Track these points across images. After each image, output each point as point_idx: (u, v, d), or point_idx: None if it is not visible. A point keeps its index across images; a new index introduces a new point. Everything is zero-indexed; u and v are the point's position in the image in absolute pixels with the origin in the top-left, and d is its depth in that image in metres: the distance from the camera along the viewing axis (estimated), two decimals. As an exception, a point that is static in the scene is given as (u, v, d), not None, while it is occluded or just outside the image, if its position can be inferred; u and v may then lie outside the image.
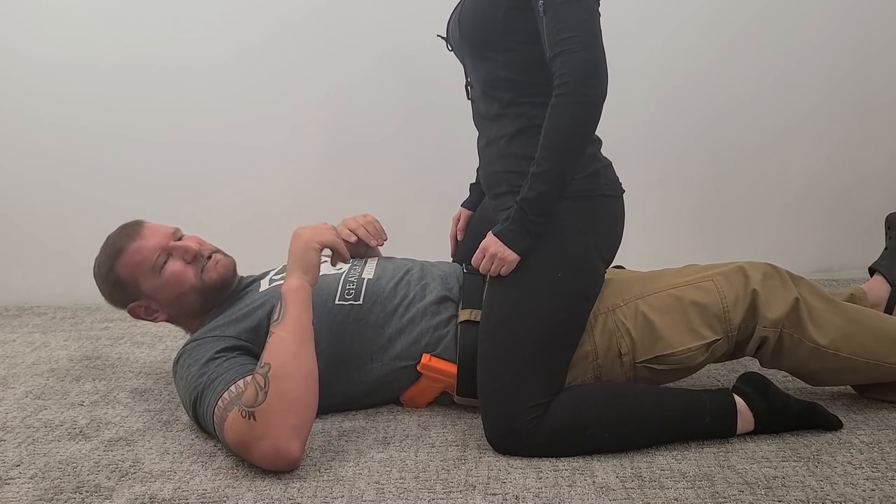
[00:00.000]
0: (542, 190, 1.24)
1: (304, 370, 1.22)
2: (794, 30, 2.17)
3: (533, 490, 1.16)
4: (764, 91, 2.21)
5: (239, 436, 1.20)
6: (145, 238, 1.44)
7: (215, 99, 2.27)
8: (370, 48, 2.22)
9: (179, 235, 1.49)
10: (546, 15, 1.22)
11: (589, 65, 1.21)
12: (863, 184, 2.24)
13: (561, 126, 1.22)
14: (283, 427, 1.17)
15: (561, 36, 1.21)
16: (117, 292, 1.48)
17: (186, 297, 1.46)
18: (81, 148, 2.31)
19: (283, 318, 1.25)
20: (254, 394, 1.18)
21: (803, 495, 1.11)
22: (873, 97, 2.20)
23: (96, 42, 2.24)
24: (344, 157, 2.29)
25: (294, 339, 1.23)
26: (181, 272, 1.44)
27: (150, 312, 1.49)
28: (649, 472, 1.20)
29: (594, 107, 1.22)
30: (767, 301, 1.30)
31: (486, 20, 1.32)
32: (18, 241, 2.36)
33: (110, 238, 1.49)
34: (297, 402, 1.19)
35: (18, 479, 1.26)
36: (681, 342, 1.31)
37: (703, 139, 2.23)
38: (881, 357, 1.30)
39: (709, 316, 1.31)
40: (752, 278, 1.32)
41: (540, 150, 1.24)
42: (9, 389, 1.68)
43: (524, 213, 1.25)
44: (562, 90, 1.21)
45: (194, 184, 2.30)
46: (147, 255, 1.43)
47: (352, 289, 1.45)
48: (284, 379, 1.19)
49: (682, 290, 1.34)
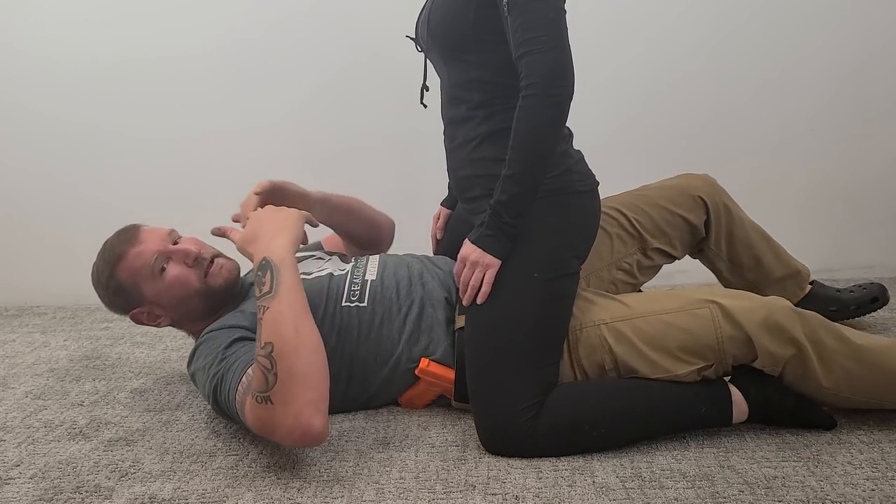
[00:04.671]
0: (514, 192, 1.23)
1: (308, 342, 1.16)
2: (799, 31, 2.16)
3: (533, 490, 1.15)
4: (764, 92, 2.20)
5: (259, 421, 1.17)
6: (144, 242, 1.43)
7: (215, 99, 2.27)
8: (371, 48, 2.22)
9: (177, 237, 1.47)
10: (511, 14, 1.20)
11: (555, 66, 1.19)
12: (865, 185, 2.24)
13: (529, 128, 1.21)
14: (301, 405, 1.12)
15: (526, 36, 1.20)
16: (119, 299, 1.46)
17: (190, 301, 1.44)
18: (82, 147, 2.31)
19: (276, 291, 1.18)
20: (262, 378, 1.14)
21: (803, 495, 1.11)
22: (875, 99, 2.19)
23: (96, 41, 2.24)
24: (344, 159, 2.29)
25: (291, 311, 1.17)
26: (183, 276, 1.42)
27: (154, 318, 1.47)
28: (649, 472, 1.20)
29: (561, 107, 1.21)
30: (767, 348, 1.24)
31: (457, 21, 1.30)
32: (18, 241, 2.36)
33: (108, 244, 1.46)
34: (310, 376, 1.14)
35: (18, 479, 1.26)
36: (664, 369, 1.28)
37: (703, 140, 2.23)
38: (880, 398, 1.27)
39: (700, 346, 1.26)
40: (753, 319, 1.24)
41: (510, 151, 1.23)
42: (9, 389, 1.68)
43: (499, 216, 1.24)
44: (529, 91, 1.20)
45: (194, 184, 2.30)
46: (147, 259, 1.41)
47: (356, 290, 1.43)
48: (291, 356, 1.13)
49: (674, 317, 1.29)
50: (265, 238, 1.26)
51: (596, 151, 1.47)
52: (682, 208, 1.56)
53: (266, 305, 1.18)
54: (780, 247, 1.64)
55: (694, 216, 1.56)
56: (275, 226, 1.28)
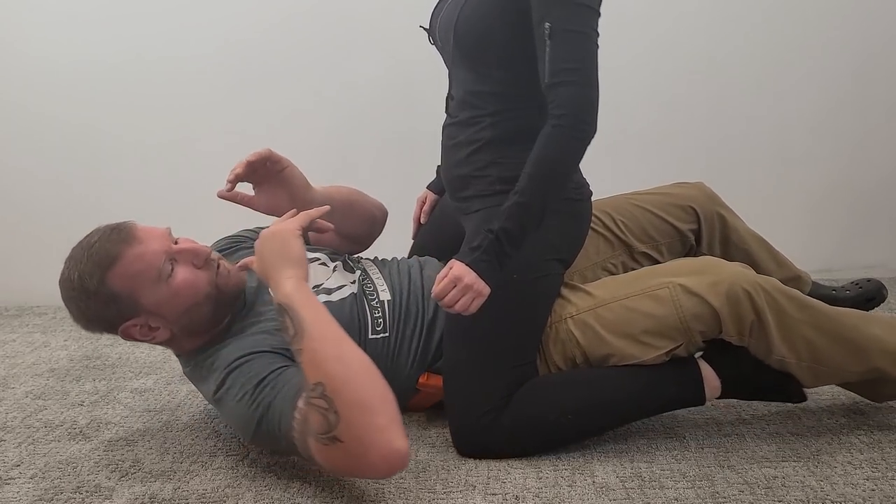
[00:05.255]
0: (522, 222, 1.21)
1: (357, 367, 1.08)
2: (801, 32, 2.16)
3: (533, 490, 1.16)
4: (766, 94, 2.20)
5: (336, 463, 1.08)
6: (144, 242, 1.22)
7: (216, 100, 2.27)
8: (372, 49, 2.22)
9: (175, 238, 1.30)
10: (551, 40, 1.20)
11: (587, 103, 1.20)
12: (866, 186, 2.24)
13: (553, 157, 1.21)
14: (375, 432, 1.03)
15: (563, 66, 1.19)
16: (108, 311, 1.23)
17: (198, 309, 1.26)
18: (82, 147, 2.30)
19: (302, 331, 1.10)
20: (322, 419, 1.05)
21: (803, 495, 1.11)
22: (877, 100, 2.19)
23: (96, 41, 2.24)
24: (344, 159, 2.29)
25: (325, 344, 1.09)
26: (193, 280, 1.24)
27: (149, 332, 1.26)
28: (649, 472, 1.20)
29: (584, 143, 1.22)
30: (730, 317, 1.23)
31: (488, 36, 1.28)
32: (18, 241, 2.36)
33: (97, 243, 1.22)
34: (372, 401, 1.05)
35: (18, 479, 1.26)
36: (632, 355, 1.27)
37: (704, 142, 2.23)
38: (841, 367, 1.26)
39: (664, 327, 1.26)
40: (715, 291, 1.23)
41: (526, 179, 1.21)
42: (9, 389, 1.68)
43: (500, 244, 1.21)
44: (560, 122, 1.20)
45: (194, 185, 2.29)
46: (151, 261, 1.21)
47: (379, 317, 1.35)
48: (344, 388, 1.05)
49: (635, 301, 1.28)
50: (272, 274, 1.17)
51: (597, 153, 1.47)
52: (671, 216, 1.55)
53: (299, 348, 1.10)
54: (779, 254, 1.63)
55: (683, 225, 1.55)
56: (275, 256, 1.18)
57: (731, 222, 1.58)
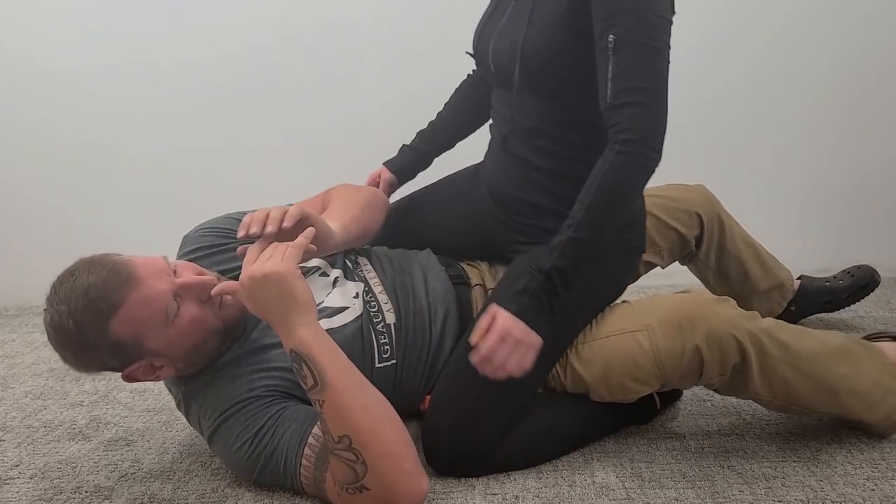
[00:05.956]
0: (577, 261, 1.08)
1: (382, 416, 1.07)
2: (796, 30, 2.16)
3: (533, 490, 1.16)
4: (761, 91, 2.20)
5: None
6: (146, 282, 1.10)
7: (215, 108, 2.26)
8: (374, 50, 2.22)
9: (172, 265, 1.17)
10: (615, 55, 1.06)
11: (658, 126, 1.08)
12: (863, 185, 2.24)
13: (618, 183, 1.08)
14: (403, 477, 1.05)
15: (630, 84, 1.06)
16: (111, 359, 1.12)
17: (205, 346, 1.18)
18: (81, 147, 2.30)
19: (324, 384, 1.05)
20: (349, 471, 1.05)
21: (803, 495, 1.11)
22: (873, 98, 2.19)
23: (96, 44, 2.24)
24: (345, 165, 2.28)
25: (351, 396, 1.06)
26: (200, 317, 1.15)
27: (152, 371, 1.17)
28: (649, 472, 1.20)
29: (650, 171, 1.09)
30: (713, 361, 1.15)
31: (557, 57, 1.15)
32: (18, 241, 2.36)
33: (92, 288, 1.07)
34: (399, 447, 1.06)
35: (18, 479, 1.26)
36: (612, 395, 1.22)
37: (699, 137, 2.23)
38: (811, 407, 1.21)
39: (642, 372, 1.18)
40: (696, 331, 1.15)
41: (584, 210, 1.08)
42: (9, 389, 1.68)
43: (552, 284, 1.08)
44: (625, 147, 1.06)
45: (194, 185, 2.30)
46: (157, 305, 1.10)
47: (385, 343, 1.28)
48: (372, 441, 1.04)
49: (615, 341, 1.20)
50: (277, 320, 1.08)
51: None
52: (677, 221, 1.52)
53: (320, 399, 1.06)
54: (767, 257, 1.62)
55: (688, 231, 1.52)
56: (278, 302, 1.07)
57: (728, 228, 1.57)
